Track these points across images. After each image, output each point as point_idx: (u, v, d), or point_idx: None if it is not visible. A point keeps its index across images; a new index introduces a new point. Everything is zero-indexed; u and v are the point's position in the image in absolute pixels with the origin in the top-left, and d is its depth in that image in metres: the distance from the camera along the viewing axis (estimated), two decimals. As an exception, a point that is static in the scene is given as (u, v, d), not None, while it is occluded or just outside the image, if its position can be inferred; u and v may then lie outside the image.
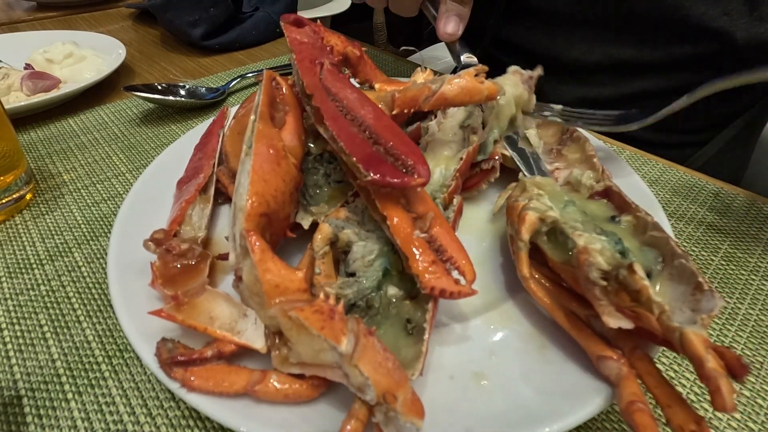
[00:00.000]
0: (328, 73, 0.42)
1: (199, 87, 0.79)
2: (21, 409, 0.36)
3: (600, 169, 0.47)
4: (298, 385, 0.32)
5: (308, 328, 0.29)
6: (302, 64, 0.42)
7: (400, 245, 0.36)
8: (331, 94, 0.40)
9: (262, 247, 0.32)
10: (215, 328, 0.34)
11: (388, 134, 0.37)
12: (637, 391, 0.30)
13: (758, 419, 0.36)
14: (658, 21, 0.74)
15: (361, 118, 0.38)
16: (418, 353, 0.33)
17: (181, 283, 0.37)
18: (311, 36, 0.47)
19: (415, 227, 0.37)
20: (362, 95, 0.41)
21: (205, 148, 0.53)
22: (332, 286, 0.37)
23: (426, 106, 0.45)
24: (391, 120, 0.40)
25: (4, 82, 0.75)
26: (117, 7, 1.31)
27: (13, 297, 0.46)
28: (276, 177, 0.36)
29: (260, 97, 0.41)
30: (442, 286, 0.34)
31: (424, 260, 0.35)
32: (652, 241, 0.35)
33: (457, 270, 0.36)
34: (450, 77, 0.45)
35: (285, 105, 0.43)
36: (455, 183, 0.46)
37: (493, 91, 0.46)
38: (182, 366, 0.32)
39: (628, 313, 0.32)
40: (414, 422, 0.28)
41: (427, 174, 0.36)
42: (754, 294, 0.46)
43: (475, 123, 0.52)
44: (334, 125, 0.38)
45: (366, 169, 0.35)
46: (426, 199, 0.39)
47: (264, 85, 0.42)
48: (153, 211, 0.47)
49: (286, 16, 0.48)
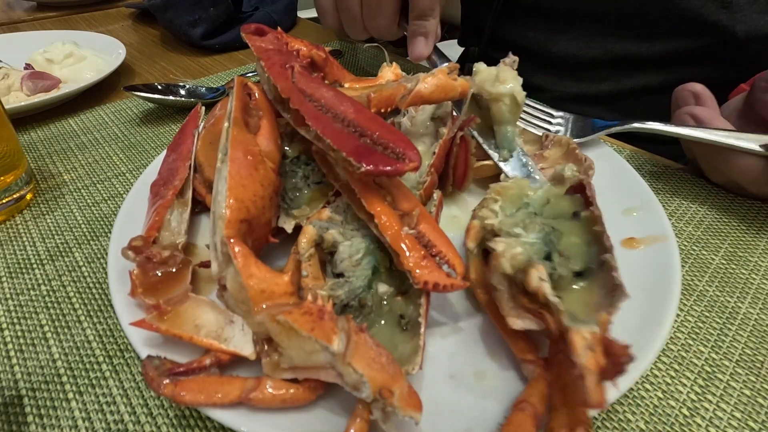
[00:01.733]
0: (300, 76, 0.42)
1: (199, 87, 0.79)
2: (22, 409, 0.36)
3: (582, 159, 0.49)
4: (294, 390, 0.31)
5: (298, 331, 0.29)
6: (273, 69, 0.42)
7: (389, 243, 0.36)
8: (307, 95, 0.40)
9: (244, 253, 0.31)
10: (201, 336, 0.34)
11: (373, 125, 0.38)
12: (536, 393, 0.31)
13: (759, 418, 0.36)
14: (656, 15, 0.74)
15: (342, 114, 0.39)
16: (415, 348, 0.33)
17: (163, 291, 0.36)
18: (275, 42, 0.47)
19: (402, 224, 0.37)
20: (338, 92, 0.41)
21: (179, 149, 0.50)
22: (323, 288, 0.37)
23: (403, 104, 0.46)
24: (371, 111, 0.40)
25: (4, 82, 0.75)
26: (117, 7, 1.31)
27: (14, 297, 0.46)
28: (254, 182, 0.36)
29: (233, 104, 0.40)
30: (434, 280, 0.34)
31: (415, 256, 0.35)
32: (594, 236, 0.36)
33: (447, 264, 0.36)
34: (424, 75, 0.46)
35: (258, 110, 0.43)
36: (431, 179, 0.47)
37: (465, 87, 0.47)
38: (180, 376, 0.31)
39: (537, 314, 0.33)
40: (412, 416, 0.28)
41: (417, 158, 0.36)
42: (755, 293, 0.46)
43: (443, 113, 0.53)
44: (317, 124, 0.38)
45: (358, 161, 0.35)
46: (410, 196, 0.39)
47: (236, 91, 0.41)
48: (153, 211, 0.47)
49: (247, 27, 0.48)
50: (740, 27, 0.70)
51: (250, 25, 0.48)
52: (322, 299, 0.31)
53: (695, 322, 0.43)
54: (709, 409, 0.36)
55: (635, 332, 0.36)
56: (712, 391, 0.37)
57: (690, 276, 0.47)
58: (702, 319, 0.43)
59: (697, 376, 0.38)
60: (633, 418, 0.36)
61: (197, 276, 0.41)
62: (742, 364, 0.39)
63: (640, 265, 0.42)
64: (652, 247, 0.44)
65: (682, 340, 0.41)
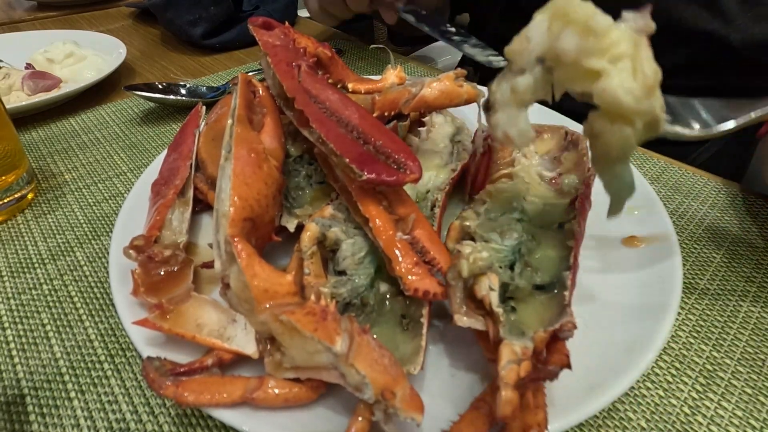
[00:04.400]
0: (306, 76, 0.42)
1: (199, 86, 0.79)
2: (24, 408, 0.37)
3: (586, 169, 0.48)
4: (297, 389, 0.31)
5: (301, 331, 0.29)
6: (279, 67, 0.42)
7: (382, 248, 0.36)
8: (312, 96, 0.40)
9: (248, 252, 0.31)
10: (204, 335, 0.34)
11: (376, 133, 0.38)
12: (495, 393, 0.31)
13: (760, 417, 0.36)
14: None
15: (346, 119, 0.39)
16: (417, 348, 0.33)
17: (165, 290, 0.36)
18: (282, 38, 0.46)
19: (397, 229, 0.37)
20: (344, 96, 0.41)
21: (180, 148, 0.50)
22: (326, 285, 0.37)
23: (406, 108, 0.45)
24: (375, 119, 0.40)
25: (5, 81, 0.75)
26: (117, 7, 1.31)
27: (16, 296, 0.46)
28: (258, 180, 0.36)
29: (237, 101, 0.39)
30: (425, 287, 0.34)
31: (407, 262, 0.35)
32: (567, 251, 0.36)
33: (440, 271, 0.36)
34: (430, 80, 0.45)
35: (262, 107, 0.43)
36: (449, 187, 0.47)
37: (472, 94, 0.46)
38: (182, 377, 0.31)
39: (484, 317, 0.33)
40: (414, 417, 0.28)
41: (419, 170, 0.36)
42: (756, 292, 0.46)
43: (465, 140, 0.52)
44: (321, 127, 0.37)
45: (360, 168, 0.35)
46: (408, 200, 0.39)
47: (240, 88, 0.41)
48: (154, 210, 0.47)
49: (254, 19, 0.47)
50: (735, 36, 0.70)
51: (258, 18, 0.48)
52: (324, 299, 0.31)
53: (696, 321, 0.43)
54: (710, 408, 0.36)
55: (636, 331, 0.36)
56: (714, 389, 0.37)
57: (691, 274, 0.47)
58: (703, 318, 0.43)
59: (699, 374, 0.38)
60: (634, 416, 0.36)
61: (198, 276, 0.41)
62: (744, 362, 0.39)
63: (642, 264, 0.42)
64: (654, 246, 0.43)
65: (684, 339, 0.41)
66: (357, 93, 0.50)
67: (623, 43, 0.27)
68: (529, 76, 0.30)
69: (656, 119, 0.27)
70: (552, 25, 0.28)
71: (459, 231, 0.40)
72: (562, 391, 0.32)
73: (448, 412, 0.32)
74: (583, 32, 0.27)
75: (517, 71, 0.30)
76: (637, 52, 0.27)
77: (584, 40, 0.27)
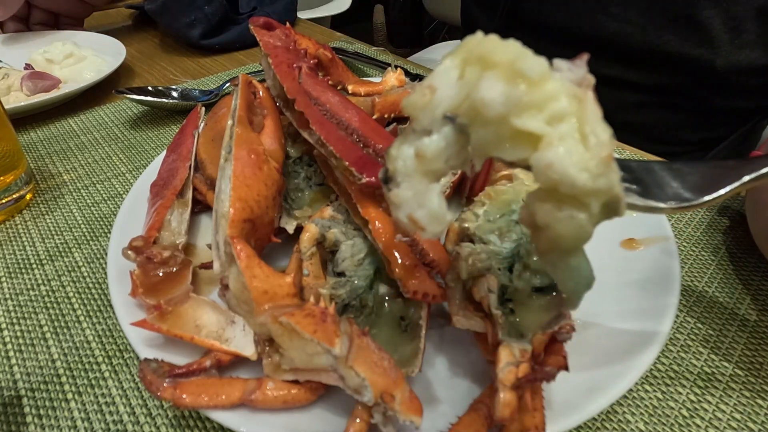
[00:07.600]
0: (307, 77, 0.42)
1: (192, 89, 0.79)
2: (21, 409, 0.36)
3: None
4: (296, 390, 0.31)
5: (300, 333, 0.28)
6: (280, 68, 0.42)
7: (382, 249, 0.36)
8: (312, 98, 0.40)
9: (248, 253, 0.31)
10: (202, 336, 0.34)
11: (376, 136, 0.38)
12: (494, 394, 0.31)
13: (758, 419, 0.36)
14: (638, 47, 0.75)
15: (346, 122, 0.39)
16: (416, 350, 0.33)
17: (164, 291, 0.36)
18: (283, 39, 0.46)
19: (397, 231, 0.37)
20: (344, 98, 0.41)
21: (179, 149, 0.50)
22: (325, 286, 0.37)
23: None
24: (376, 123, 0.40)
25: (4, 82, 0.75)
26: (117, 7, 1.31)
27: (13, 297, 0.46)
28: (258, 182, 0.36)
29: (237, 102, 0.40)
30: (424, 290, 0.34)
31: (406, 264, 0.35)
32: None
33: (439, 273, 0.36)
34: None
35: (263, 109, 0.43)
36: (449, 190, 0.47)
37: None
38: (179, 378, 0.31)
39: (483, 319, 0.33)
40: (413, 420, 0.28)
41: None
42: (755, 294, 0.46)
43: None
44: (321, 129, 0.37)
45: (360, 171, 0.35)
46: None
47: (241, 89, 0.41)
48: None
49: (255, 20, 0.47)
50: (720, 61, 0.71)
51: (259, 19, 0.48)
52: (324, 300, 0.31)
53: (695, 323, 0.43)
54: (708, 410, 0.36)
55: (635, 332, 0.36)
56: (712, 392, 0.37)
57: (689, 277, 0.47)
58: (701, 320, 0.43)
59: (697, 377, 0.38)
60: (632, 418, 0.36)
61: (197, 277, 0.41)
62: (742, 365, 0.39)
63: (640, 266, 0.42)
64: (652, 248, 0.43)
65: (682, 341, 0.41)
66: (357, 95, 0.50)
67: (563, 97, 0.20)
68: (438, 137, 0.23)
69: (616, 198, 0.21)
70: (465, 72, 0.22)
71: (458, 233, 0.40)
72: (561, 393, 0.32)
73: (447, 414, 0.32)
74: (510, 77, 0.20)
75: (421, 132, 0.23)
76: (583, 110, 0.20)
77: (512, 87, 0.20)
